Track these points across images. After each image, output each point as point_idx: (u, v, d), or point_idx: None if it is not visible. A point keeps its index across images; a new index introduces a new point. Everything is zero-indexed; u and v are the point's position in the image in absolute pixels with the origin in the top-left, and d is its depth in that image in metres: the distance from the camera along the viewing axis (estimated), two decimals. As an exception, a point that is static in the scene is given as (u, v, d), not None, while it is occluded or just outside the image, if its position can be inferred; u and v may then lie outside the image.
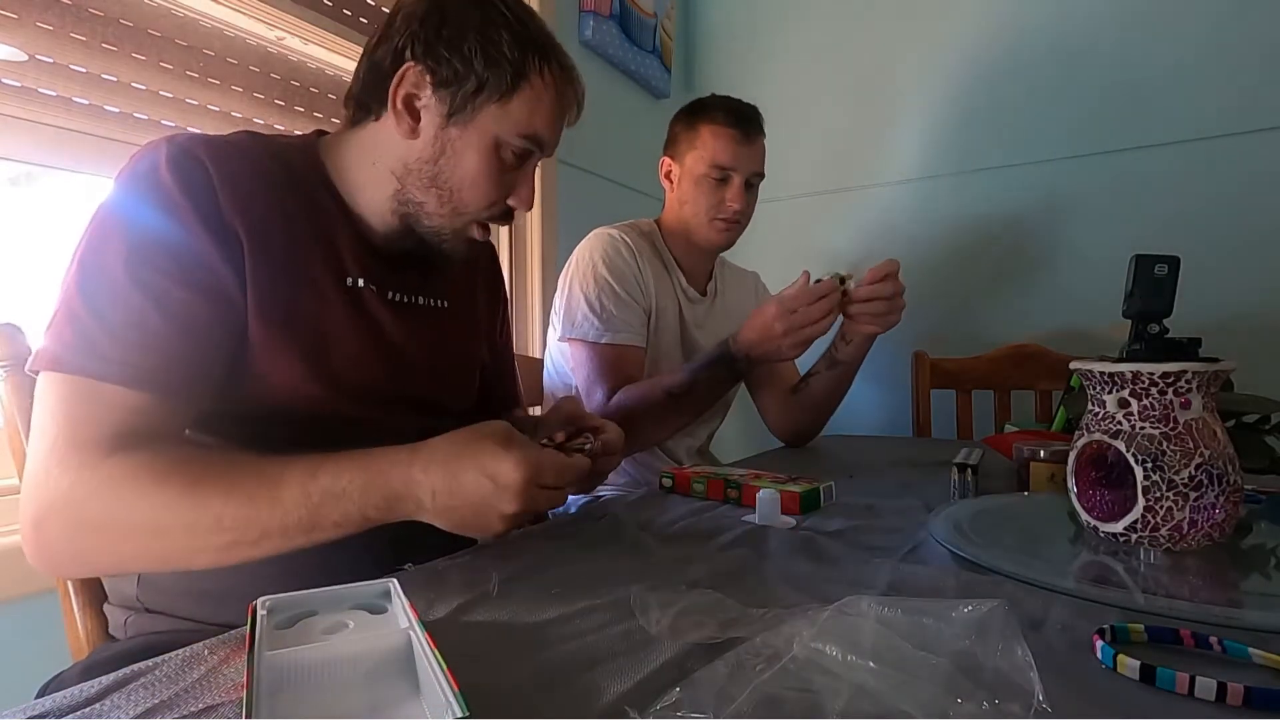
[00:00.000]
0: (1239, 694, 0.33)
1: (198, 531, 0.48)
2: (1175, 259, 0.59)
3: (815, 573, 0.53)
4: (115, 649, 0.60)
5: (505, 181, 0.67)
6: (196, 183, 0.55)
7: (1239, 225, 1.45)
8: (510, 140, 0.64)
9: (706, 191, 1.20)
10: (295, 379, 0.60)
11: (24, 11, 0.83)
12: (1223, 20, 1.45)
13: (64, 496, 0.48)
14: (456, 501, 0.50)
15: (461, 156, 0.64)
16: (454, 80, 0.62)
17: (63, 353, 0.50)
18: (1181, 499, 0.54)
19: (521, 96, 0.64)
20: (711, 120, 1.20)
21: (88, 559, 0.52)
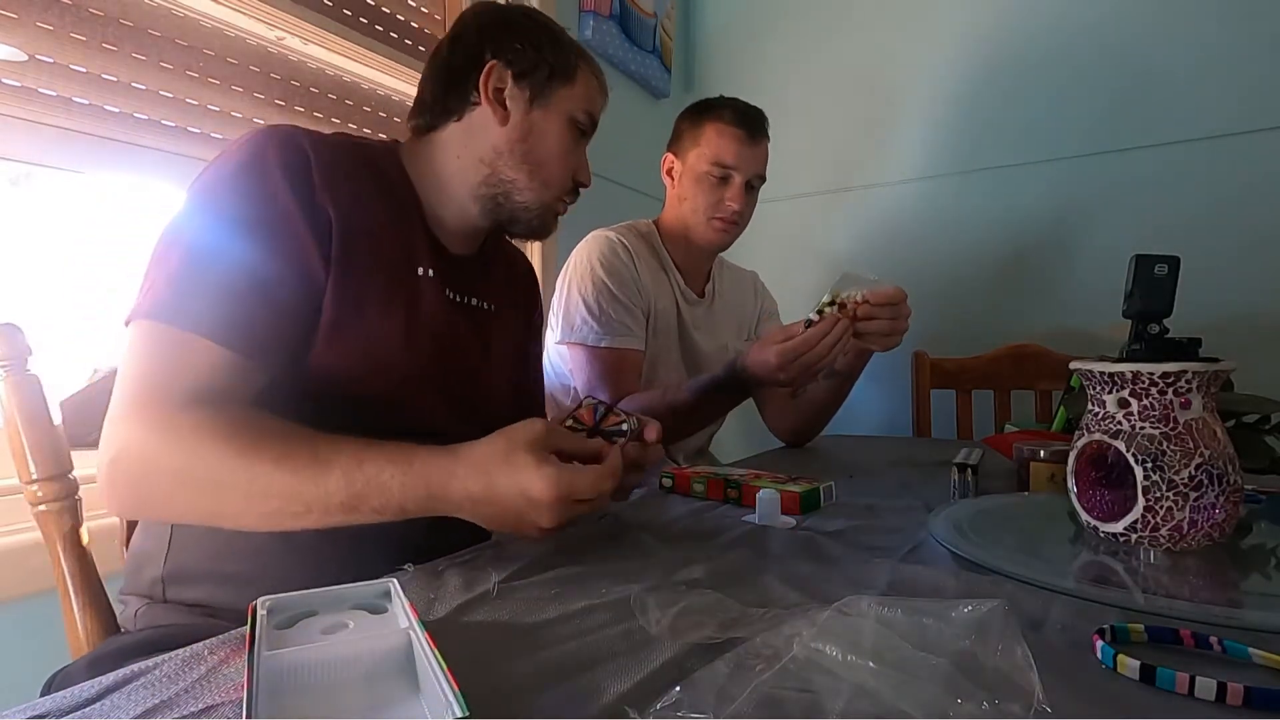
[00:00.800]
0: (1239, 694, 0.33)
1: (248, 495, 0.51)
2: (1175, 259, 0.58)
3: (815, 573, 0.53)
4: (123, 641, 0.60)
5: (575, 159, 0.77)
6: (296, 164, 0.60)
7: (1239, 225, 1.45)
8: (578, 117, 0.76)
9: (707, 189, 1.19)
10: (352, 358, 0.63)
11: (24, 11, 0.83)
12: (1222, 20, 1.45)
13: (138, 441, 0.52)
14: (493, 510, 0.52)
15: (546, 134, 0.74)
16: (531, 70, 0.73)
17: (156, 305, 0.54)
18: (1181, 499, 0.54)
19: (581, 78, 0.76)
20: (717, 119, 1.19)
21: (149, 503, 0.54)
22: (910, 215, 1.83)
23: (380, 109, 1.29)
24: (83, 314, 0.97)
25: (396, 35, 1.30)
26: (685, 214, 1.22)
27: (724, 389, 1.03)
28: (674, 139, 1.27)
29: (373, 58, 1.21)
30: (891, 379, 1.74)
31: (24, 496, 0.65)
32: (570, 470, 0.52)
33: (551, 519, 0.51)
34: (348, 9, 1.20)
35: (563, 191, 0.77)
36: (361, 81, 1.25)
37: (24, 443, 0.64)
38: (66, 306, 0.95)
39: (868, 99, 1.87)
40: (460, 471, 0.52)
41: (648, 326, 1.19)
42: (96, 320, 0.98)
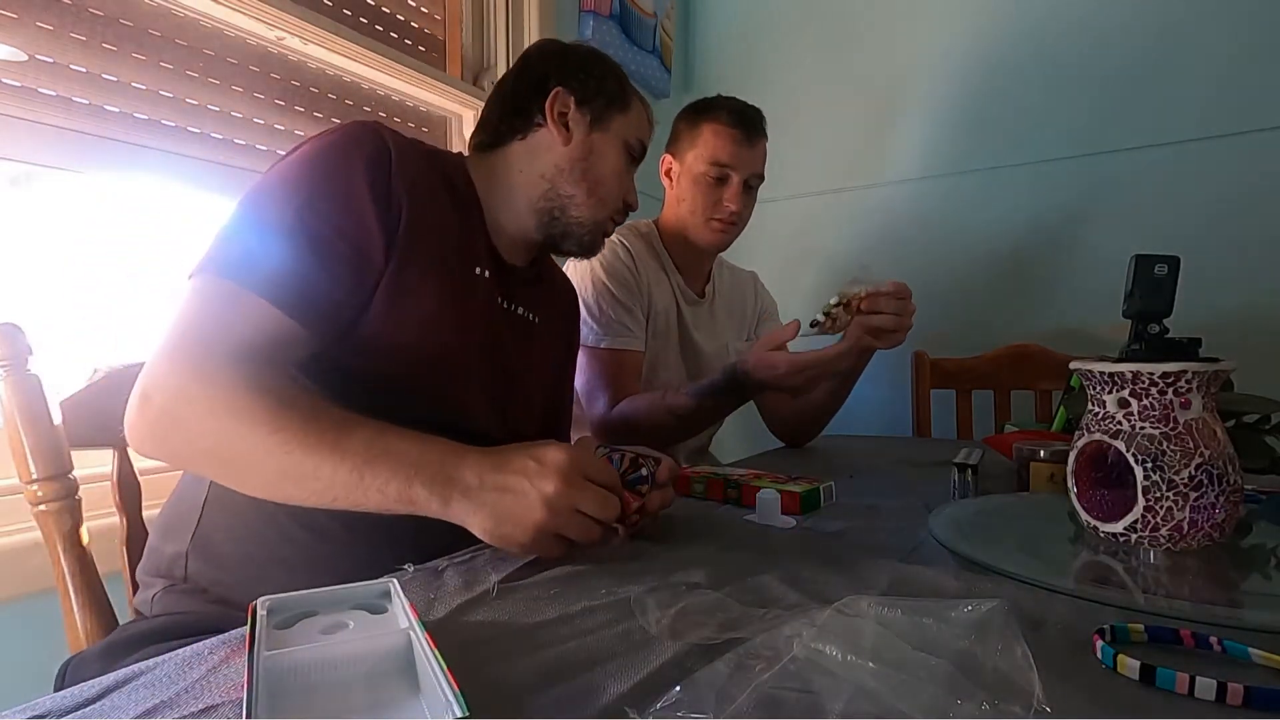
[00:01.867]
0: (1239, 694, 0.33)
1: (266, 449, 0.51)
2: (1175, 259, 0.58)
3: (815, 573, 0.53)
4: (138, 628, 0.61)
5: (627, 181, 0.84)
6: (379, 155, 0.64)
7: (1239, 225, 1.45)
8: (632, 143, 0.83)
9: (704, 190, 1.19)
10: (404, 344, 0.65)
11: (24, 11, 0.83)
12: (1222, 20, 1.45)
13: (175, 383, 0.53)
14: (500, 480, 0.51)
15: (605, 156, 0.80)
16: (592, 97, 0.80)
17: (220, 260, 0.57)
18: (1181, 499, 0.54)
19: (634, 108, 0.83)
20: (714, 119, 1.19)
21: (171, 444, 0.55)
22: (910, 215, 1.83)
23: (380, 109, 1.29)
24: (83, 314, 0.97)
25: (396, 35, 1.30)
26: (684, 215, 1.23)
27: (724, 392, 1.03)
28: (672, 140, 1.27)
29: (373, 58, 1.21)
30: (891, 379, 1.74)
31: (24, 496, 0.65)
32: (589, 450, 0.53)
33: (556, 481, 0.50)
34: (348, 9, 1.20)
35: (614, 211, 0.83)
36: (361, 81, 1.25)
37: (24, 443, 0.64)
38: (66, 306, 0.95)
39: (867, 99, 1.87)
40: (475, 453, 0.53)
41: (647, 327, 1.19)
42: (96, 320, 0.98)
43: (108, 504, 0.73)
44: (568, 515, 0.51)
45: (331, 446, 0.50)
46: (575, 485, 0.51)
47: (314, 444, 0.50)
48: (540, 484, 0.51)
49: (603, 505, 0.53)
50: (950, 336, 1.70)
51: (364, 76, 1.25)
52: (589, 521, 0.53)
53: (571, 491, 0.51)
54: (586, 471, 0.53)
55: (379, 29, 1.26)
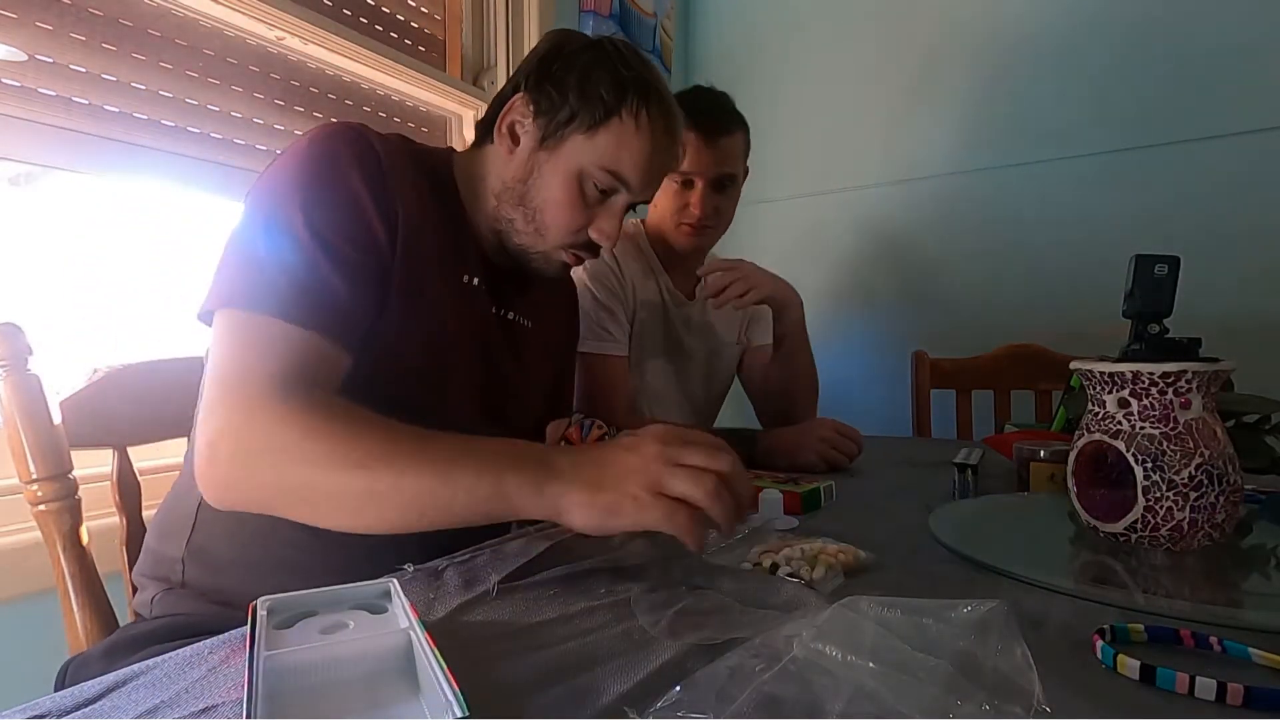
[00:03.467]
0: (1239, 694, 0.33)
1: (347, 473, 0.49)
2: (1175, 259, 0.58)
3: (815, 573, 0.53)
4: (139, 629, 0.60)
5: (588, 213, 0.70)
6: (369, 160, 0.61)
7: (1239, 225, 1.45)
8: (593, 172, 0.69)
9: (670, 195, 1.16)
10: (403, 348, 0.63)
11: (24, 11, 0.83)
12: (1223, 20, 1.45)
13: (236, 429, 0.51)
14: (595, 456, 0.49)
15: (547, 180, 0.69)
16: (551, 110, 0.68)
17: (243, 292, 0.55)
18: (1181, 499, 0.54)
19: (609, 131, 0.68)
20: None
21: (248, 491, 0.52)
22: (909, 215, 1.83)
23: (380, 109, 1.29)
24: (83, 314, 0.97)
25: (396, 35, 1.30)
26: (657, 223, 1.21)
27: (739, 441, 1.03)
28: None
29: (373, 58, 1.21)
30: (891, 379, 1.74)
31: (24, 496, 0.65)
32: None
33: (654, 446, 0.48)
34: (347, 9, 1.20)
35: (563, 244, 0.71)
36: (361, 81, 1.25)
37: (24, 443, 0.64)
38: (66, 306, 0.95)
39: (867, 99, 1.87)
40: (564, 452, 0.51)
41: (631, 329, 1.17)
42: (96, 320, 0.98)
43: (108, 504, 0.73)
44: (670, 469, 0.47)
45: (411, 456, 0.49)
46: (674, 443, 0.48)
47: (394, 456, 0.48)
48: (637, 449, 0.48)
49: (710, 454, 0.48)
50: (950, 336, 1.70)
51: (364, 76, 1.25)
52: (699, 473, 0.47)
53: (670, 448, 0.48)
54: (685, 437, 0.49)
55: (379, 29, 1.26)
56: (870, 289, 1.88)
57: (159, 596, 0.63)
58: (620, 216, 0.72)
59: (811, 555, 0.51)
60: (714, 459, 0.48)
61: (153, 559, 0.65)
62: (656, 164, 0.72)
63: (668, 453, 0.48)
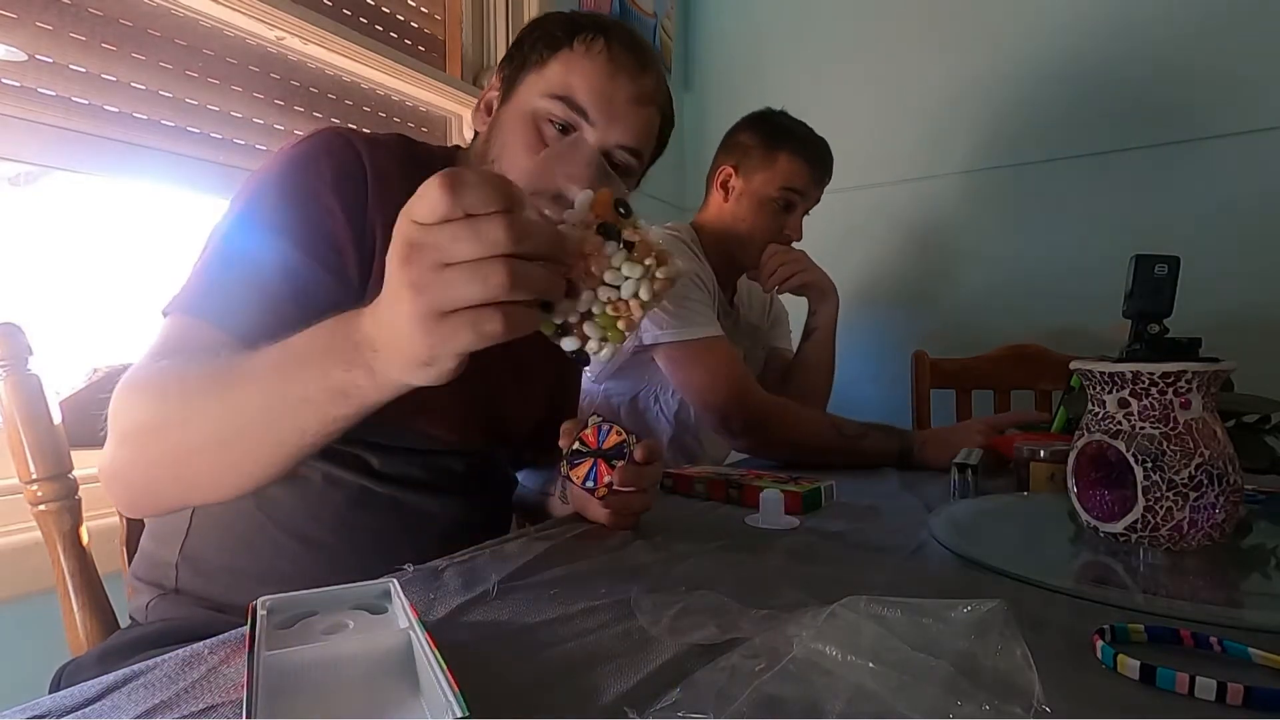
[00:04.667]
0: (1239, 694, 0.33)
1: (193, 424, 0.46)
2: (1175, 259, 0.58)
3: (816, 573, 0.53)
4: (134, 634, 0.60)
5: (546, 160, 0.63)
6: (353, 176, 0.59)
7: (1239, 225, 1.45)
8: (544, 105, 0.62)
9: (769, 215, 1.19)
10: None
11: (23, 11, 0.83)
12: (1221, 21, 1.45)
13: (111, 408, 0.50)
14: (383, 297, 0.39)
15: (503, 128, 0.65)
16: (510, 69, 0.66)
17: (188, 297, 0.54)
18: (1181, 499, 0.54)
19: (557, 61, 0.63)
20: (796, 150, 1.19)
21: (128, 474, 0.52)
22: (909, 215, 1.82)
23: (380, 109, 1.29)
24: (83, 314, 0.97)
25: (396, 35, 1.30)
26: (740, 234, 1.21)
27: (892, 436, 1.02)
28: (736, 152, 1.23)
29: (373, 58, 1.21)
30: (892, 379, 1.74)
31: (24, 496, 0.65)
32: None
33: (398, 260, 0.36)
34: (348, 9, 1.20)
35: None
36: (361, 81, 1.25)
37: (24, 442, 0.64)
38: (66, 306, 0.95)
39: (867, 99, 1.87)
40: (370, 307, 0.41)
41: None
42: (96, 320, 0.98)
43: (108, 504, 0.73)
44: (438, 274, 0.35)
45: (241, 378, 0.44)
46: (428, 233, 0.35)
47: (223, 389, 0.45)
48: (398, 256, 0.36)
49: (478, 229, 0.34)
50: (950, 337, 1.70)
51: (364, 76, 1.25)
52: (476, 268, 0.35)
53: (425, 247, 0.35)
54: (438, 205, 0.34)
55: (379, 29, 1.26)
56: (870, 289, 1.87)
57: (154, 602, 0.63)
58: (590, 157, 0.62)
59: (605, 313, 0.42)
60: (483, 233, 0.34)
61: (148, 562, 0.65)
62: (620, 91, 0.63)
63: (425, 255, 0.35)
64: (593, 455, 0.61)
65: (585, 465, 0.61)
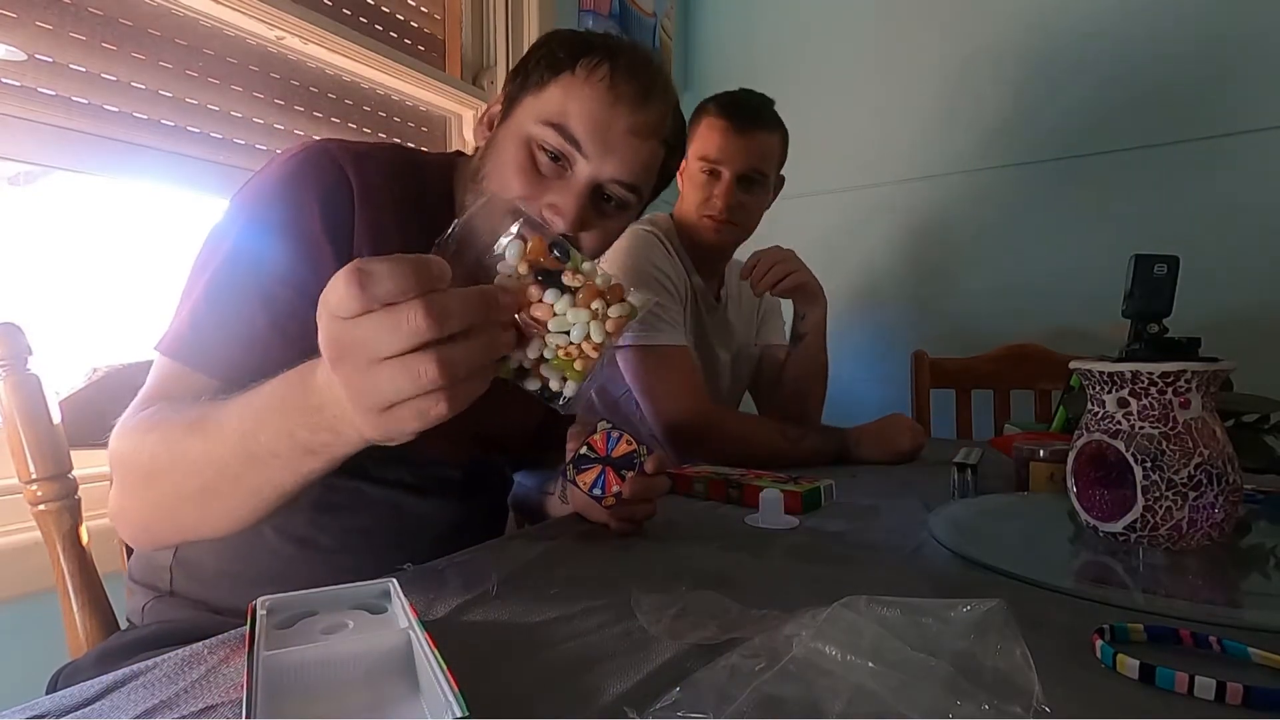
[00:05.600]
0: (1238, 693, 0.33)
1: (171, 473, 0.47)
2: (1174, 259, 0.59)
3: (815, 572, 0.53)
4: (131, 636, 0.60)
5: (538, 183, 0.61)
6: (339, 202, 0.57)
7: (1238, 225, 1.45)
8: (538, 131, 0.60)
9: (698, 186, 1.15)
10: None
11: (23, 11, 0.83)
12: (1222, 21, 1.45)
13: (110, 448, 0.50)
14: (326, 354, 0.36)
15: (497, 149, 0.63)
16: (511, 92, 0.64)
17: (174, 340, 0.53)
18: (1181, 498, 0.54)
19: (557, 84, 0.61)
20: (705, 111, 1.16)
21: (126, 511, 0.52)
22: (908, 215, 1.82)
23: (380, 109, 1.29)
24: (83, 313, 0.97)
25: (396, 35, 1.30)
26: (685, 213, 1.19)
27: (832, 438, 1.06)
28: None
29: (373, 58, 1.21)
30: (891, 379, 1.74)
31: (24, 496, 0.65)
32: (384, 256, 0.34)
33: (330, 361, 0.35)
34: (347, 9, 1.20)
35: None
36: (361, 81, 1.25)
37: (24, 442, 0.64)
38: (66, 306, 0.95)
39: (866, 99, 1.87)
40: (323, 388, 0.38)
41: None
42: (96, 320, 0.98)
43: (107, 504, 0.73)
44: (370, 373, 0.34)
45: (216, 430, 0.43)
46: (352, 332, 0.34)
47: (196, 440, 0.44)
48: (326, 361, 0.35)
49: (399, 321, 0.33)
50: (950, 336, 1.70)
51: (363, 76, 1.25)
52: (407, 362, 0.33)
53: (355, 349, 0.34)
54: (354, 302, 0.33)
55: (378, 28, 1.26)
56: (870, 289, 1.88)
57: (150, 604, 0.63)
58: (579, 194, 0.60)
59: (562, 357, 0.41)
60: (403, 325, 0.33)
61: (143, 563, 0.65)
62: (617, 123, 0.60)
63: (352, 353, 0.34)
64: (601, 462, 0.60)
65: (593, 472, 0.60)
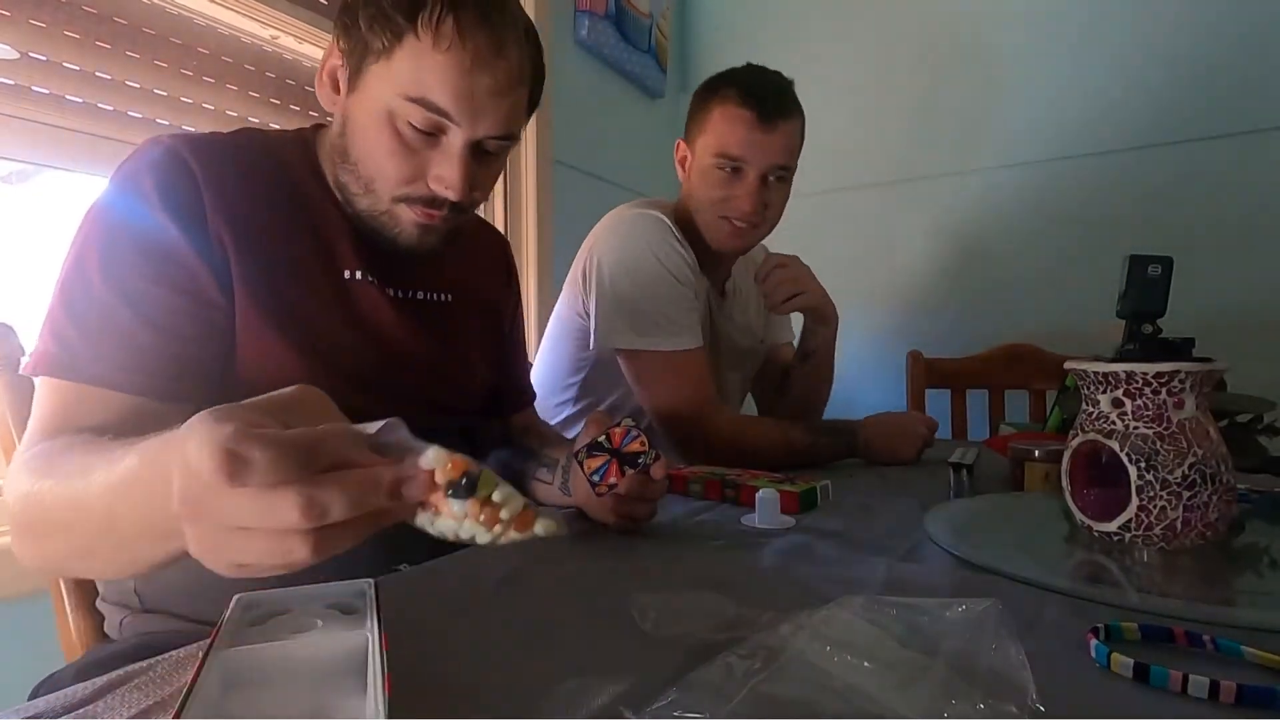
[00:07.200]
0: (1232, 692, 0.33)
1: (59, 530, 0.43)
2: (1169, 259, 0.59)
3: (812, 572, 0.53)
4: (110, 649, 0.59)
5: (416, 159, 0.59)
6: (181, 187, 0.55)
7: (1232, 225, 1.46)
8: (399, 107, 0.56)
9: (714, 185, 1.02)
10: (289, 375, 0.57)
11: (16, 9, 0.83)
12: (1222, 21, 1.46)
13: (8, 486, 0.48)
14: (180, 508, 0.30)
15: (359, 125, 0.59)
16: (350, 45, 0.58)
17: (42, 358, 0.52)
18: (1175, 498, 0.54)
19: (404, 51, 0.55)
20: (723, 99, 1.01)
21: (25, 553, 0.48)
22: (904, 215, 1.83)
23: (376, 108, 1.28)
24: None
25: (392, 34, 1.29)
26: (696, 212, 1.07)
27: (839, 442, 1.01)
28: (688, 121, 1.09)
29: (368, 57, 1.20)
30: (887, 379, 1.75)
31: (17, 497, 0.65)
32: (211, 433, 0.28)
33: (181, 514, 0.30)
34: (343, 8, 1.20)
35: (400, 199, 0.60)
36: (357, 80, 1.25)
37: (16, 443, 0.63)
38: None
39: (863, 99, 1.87)
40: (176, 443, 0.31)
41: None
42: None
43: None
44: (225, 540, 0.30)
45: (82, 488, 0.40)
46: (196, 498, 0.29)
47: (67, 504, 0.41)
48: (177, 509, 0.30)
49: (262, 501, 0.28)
50: (945, 336, 1.71)
51: (359, 75, 1.24)
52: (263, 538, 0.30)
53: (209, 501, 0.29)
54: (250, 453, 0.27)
55: (374, 28, 1.26)
56: (866, 289, 1.88)
57: (126, 620, 0.62)
58: (460, 158, 0.58)
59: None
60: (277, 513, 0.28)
61: (110, 588, 0.64)
62: (480, 84, 0.57)
63: (209, 517, 0.30)
64: (611, 454, 0.61)
65: (599, 460, 0.61)
